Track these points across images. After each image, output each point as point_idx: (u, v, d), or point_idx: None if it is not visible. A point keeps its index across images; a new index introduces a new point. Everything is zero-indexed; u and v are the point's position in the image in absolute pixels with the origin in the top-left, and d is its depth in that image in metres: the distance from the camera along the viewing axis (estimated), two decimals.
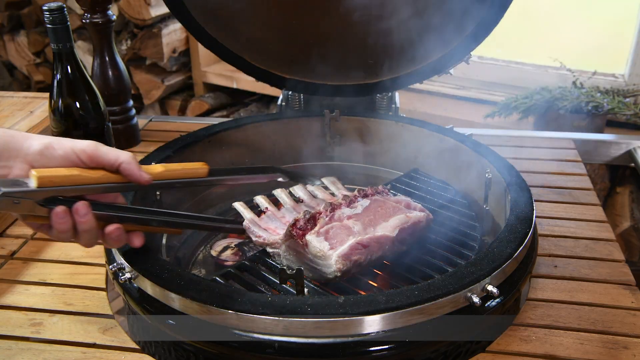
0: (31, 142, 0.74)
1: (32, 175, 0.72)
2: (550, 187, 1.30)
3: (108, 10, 1.37)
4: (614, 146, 1.53)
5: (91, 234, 0.76)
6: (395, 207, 0.99)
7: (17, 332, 0.91)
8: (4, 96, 1.47)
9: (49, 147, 0.74)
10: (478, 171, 1.13)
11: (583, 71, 2.05)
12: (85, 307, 0.96)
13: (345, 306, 0.74)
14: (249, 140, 1.29)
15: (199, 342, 0.78)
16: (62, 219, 0.73)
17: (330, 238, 0.90)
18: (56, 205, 0.73)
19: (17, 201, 0.71)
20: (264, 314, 0.74)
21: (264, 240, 0.97)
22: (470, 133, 1.20)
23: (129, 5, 2.60)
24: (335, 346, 0.74)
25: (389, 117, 1.29)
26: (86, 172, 0.75)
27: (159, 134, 1.57)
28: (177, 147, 1.17)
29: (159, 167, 0.85)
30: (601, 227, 1.15)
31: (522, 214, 0.94)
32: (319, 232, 0.90)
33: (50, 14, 1.08)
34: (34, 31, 2.92)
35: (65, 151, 0.74)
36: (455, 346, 0.81)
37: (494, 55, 2.27)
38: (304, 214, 0.92)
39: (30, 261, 1.08)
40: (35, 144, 0.74)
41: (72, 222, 0.74)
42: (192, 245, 1.17)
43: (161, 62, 2.73)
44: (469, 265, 0.82)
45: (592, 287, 0.99)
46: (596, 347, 0.85)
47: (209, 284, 0.79)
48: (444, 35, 1.15)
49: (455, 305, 0.78)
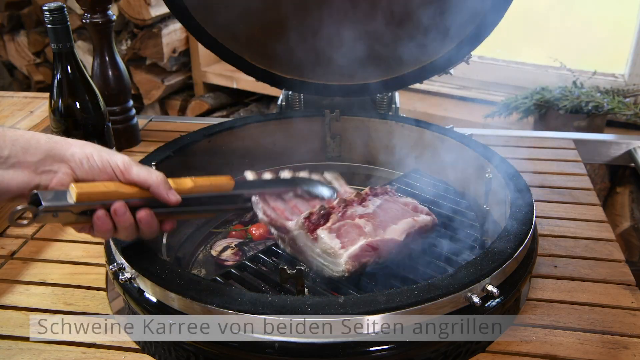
0: (74, 151, 0.79)
1: (71, 189, 0.76)
2: (550, 187, 1.30)
3: (108, 10, 1.37)
4: (614, 146, 1.53)
5: (130, 229, 0.81)
6: (403, 209, 0.99)
7: (17, 332, 0.91)
8: (4, 96, 1.47)
9: (90, 157, 0.79)
10: (478, 171, 1.13)
11: (583, 71, 2.05)
12: (85, 307, 0.96)
13: (345, 306, 0.74)
14: (249, 140, 1.29)
15: (199, 342, 0.78)
16: (103, 222, 0.78)
17: (341, 236, 0.90)
18: (96, 210, 0.78)
19: (56, 215, 0.75)
20: (264, 313, 0.74)
21: (270, 220, 0.96)
22: (470, 133, 1.20)
23: (129, 5, 2.60)
24: (335, 346, 0.74)
25: (389, 117, 1.29)
26: (122, 187, 0.79)
27: (159, 134, 1.57)
28: (177, 147, 1.17)
29: (189, 183, 0.86)
30: (601, 227, 1.15)
31: (522, 213, 0.94)
32: (332, 228, 0.90)
33: (50, 14, 1.08)
34: (34, 31, 2.92)
35: (103, 164, 0.79)
36: (455, 346, 0.81)
37: (494, 55, 2.27)
38: (320, 209, 0.92)
39: (30, 261, 1.08)
40: (78, 153, 0.79)
41: (112, 223, 0.79)
42: (192, 245, 1.17)
43: (161, 62, 2.73)
44: (469, 265, 0.82)
45: (592, 287, 0.99)
46: (596, 347, 0.85)
47: (209, 284, 0.79)
48: (444, 36, 1.15)
49: (455, 305, 0.78)
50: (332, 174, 1.11)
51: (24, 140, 0.77)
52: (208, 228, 1.22)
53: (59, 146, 0.79)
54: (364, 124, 1.31)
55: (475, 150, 1.14)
